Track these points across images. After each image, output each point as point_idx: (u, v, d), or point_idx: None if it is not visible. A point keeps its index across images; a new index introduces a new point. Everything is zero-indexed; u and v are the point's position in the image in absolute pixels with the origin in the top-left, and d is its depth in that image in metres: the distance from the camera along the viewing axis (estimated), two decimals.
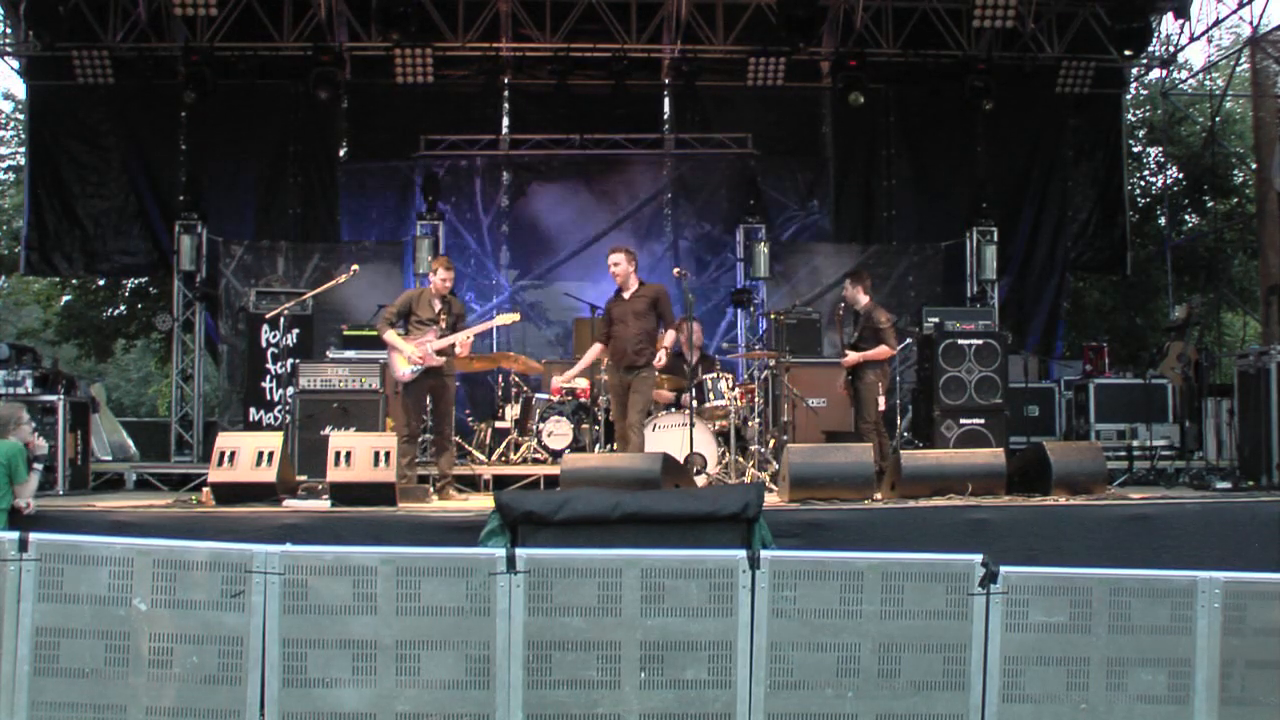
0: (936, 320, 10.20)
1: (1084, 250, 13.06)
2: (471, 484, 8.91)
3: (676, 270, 8.20)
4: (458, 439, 9.86)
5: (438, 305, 7.91)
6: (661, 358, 7.70)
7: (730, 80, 12.18)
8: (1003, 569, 4.53)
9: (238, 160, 12.07)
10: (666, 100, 12.81)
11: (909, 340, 10.23)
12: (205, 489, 7.21)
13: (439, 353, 7.78)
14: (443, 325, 7.82)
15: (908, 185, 12.78)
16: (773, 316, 10.79)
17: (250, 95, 11.86)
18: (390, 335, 7.80)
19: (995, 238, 11.72)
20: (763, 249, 11.81)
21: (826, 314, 11.37)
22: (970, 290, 11.84)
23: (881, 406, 8.32)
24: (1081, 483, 7.21)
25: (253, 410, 10.25)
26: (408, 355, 7.71)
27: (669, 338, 7.78)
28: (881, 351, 8.27)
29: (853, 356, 8.34)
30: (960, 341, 9.53)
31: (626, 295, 7.88)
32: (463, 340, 7.84)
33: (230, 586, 4.51)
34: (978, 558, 4.56)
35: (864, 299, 8.56)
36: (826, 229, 12.81)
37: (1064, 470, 7.20)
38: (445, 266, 7.94)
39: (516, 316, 8.50)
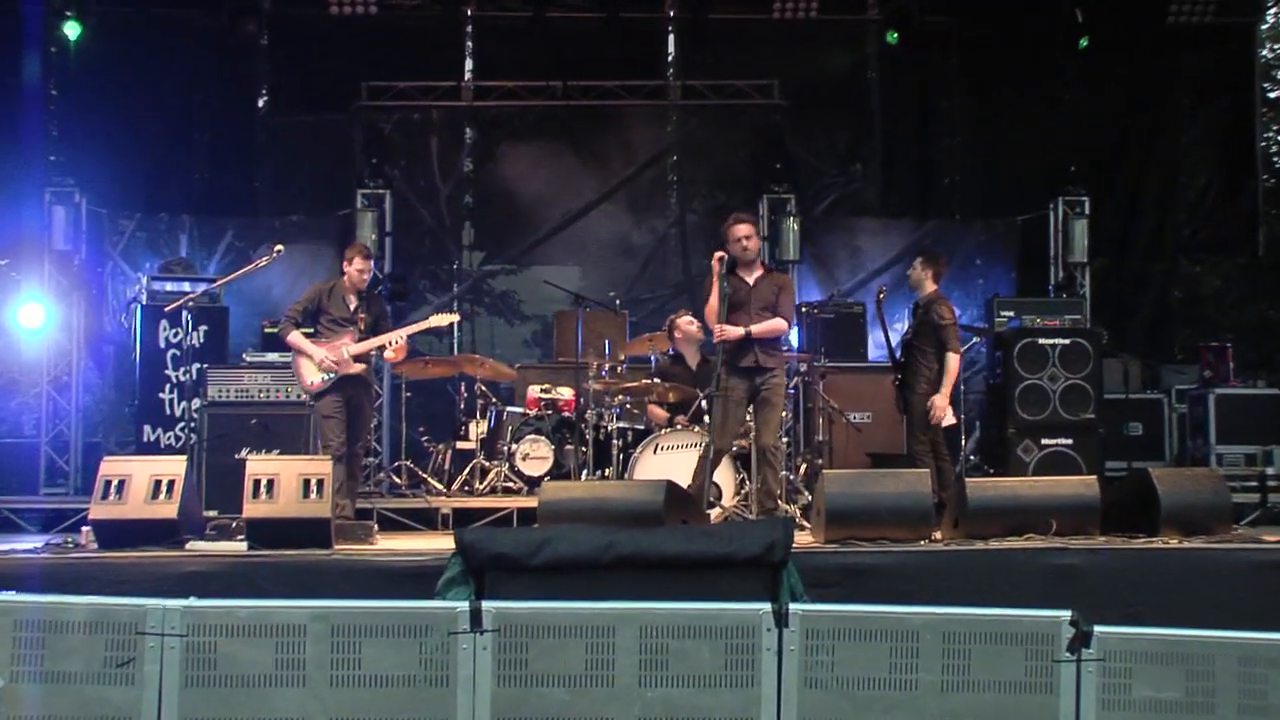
0: (1011, 314, 10.20)
1: (1202, 225, 13.04)
2: (426, 520, 8.94)
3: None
4: (408, 463, 9.90)
5: (354, 302, 8.13)
6: (736, 331, 7.53)
7: (751, 12, 12.18)
8: (1097, 629, 4.51)
9: (127, 112, 12.00)
10: (671, 38, 12.81)
11: (976, 340, 10.23)
12: (85, 529, 7.19)
13: (357, 359, 7.93)
14: (361, 327, 8.01)
15: (975, 145, 12.78)
16: (804, 310, 10.79)
17: (144, 28, 11.83)
18: (295, 337, 7.99)
19: (1087, 210, 11.70)
20: (791, 225, 11.81)
21: (872, 306, 11.37)
22: (1054, 276, 11.85)
23: (950, 420, 8.34)
24: (1198, 520, 7.21)
25: (148, 428, 10.24)
26: (318, 360, 7.86)
27: (767, 324, 7.62)
28: (951, 368, 8.26)
29: (938, 401, 8.25)
30: (1042, 341, 9.54)
31: (750, 279, 7.77)
32: (397, 343, 7.99)
33: (117, 653, 4.48)
34: (1065, 615, 4.55)
35: (930, 286, 8.61)
36: (872, 200, 12.82)
37: (1175, 504, 7.19)
38: (362, 256, 8.20)
39: (455, 317, 8.58)
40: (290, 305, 8.22)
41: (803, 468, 9.42)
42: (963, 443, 9.76)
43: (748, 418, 8.00)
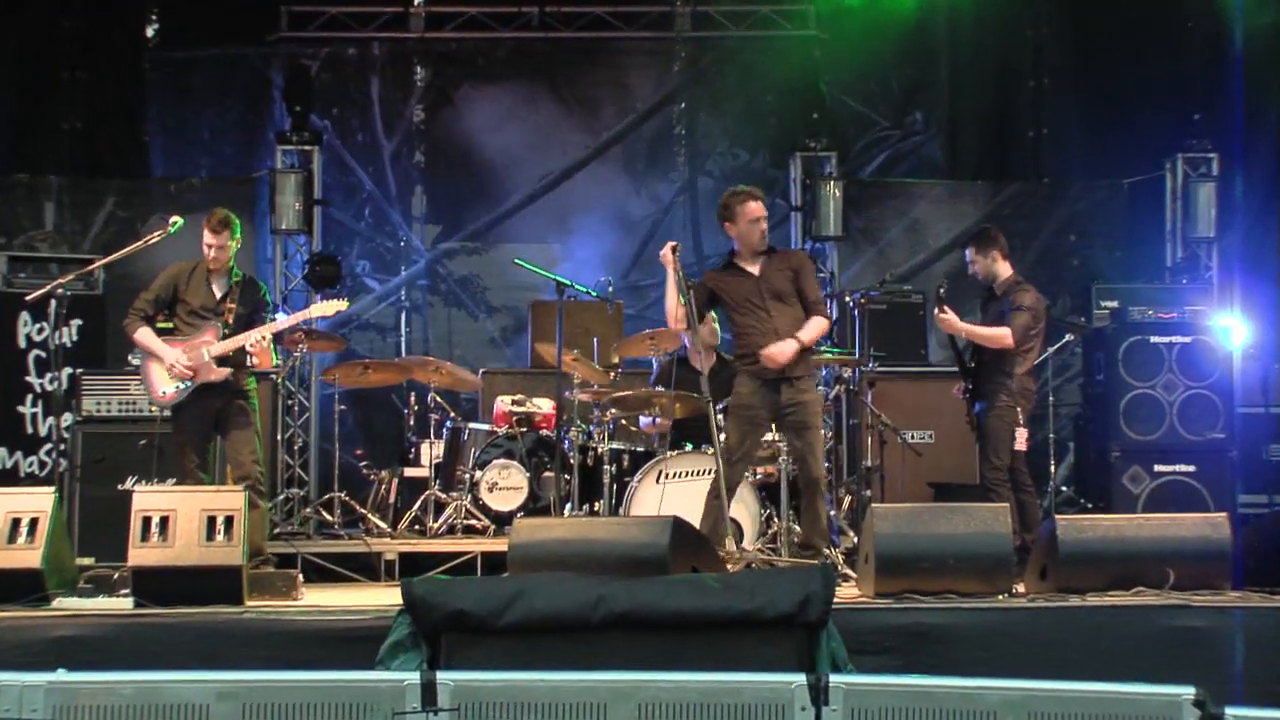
0: (1115, 305, 10.20)
1: None
2: (365, 567, 8.94)
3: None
4: (343, 496, 9.89)
5: (218, 289, 8.09)
6: (786, 349, 7.68)
7: None
8: (1229, 712, 4.52)
9: None
10: None
11: (1069, 337, 10.22)
12: None
13: (222, 361, 7.90)
14: (229, 320, 7.98)
15: (1069, 88, 12.80)
16: (849, 299, 10.80)
17: None
18: (144, 335, 7.99)
19: (1214, 170, 11.72)
20: (832, 191, 11.83)
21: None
22: (1172, 255, 11.87)
23: (1021, 444, 8.35)
24: None
25: (3, 452, 10.25)
26: (169, 364, 7.85)
27: (813, 328, 7.85)
28: (993, 336, 8.34)
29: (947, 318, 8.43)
30: (1155, 339, 9.56)
31: (755, 269, 7.93)
32: (253, 342, 7.95)
33: None
34: (1188, 692, 4.55)
35: (1005, 270, 8.64)
36: (935, 158, 12.85)
37: None
38: (211, 229, 8.06)
39: (343, 305, 8.57)
40: (140, 294, 8.15)
41: (846, 501, 9.42)
42: (1052, 470, 9.74)
43: (768, 439, 8.10)
